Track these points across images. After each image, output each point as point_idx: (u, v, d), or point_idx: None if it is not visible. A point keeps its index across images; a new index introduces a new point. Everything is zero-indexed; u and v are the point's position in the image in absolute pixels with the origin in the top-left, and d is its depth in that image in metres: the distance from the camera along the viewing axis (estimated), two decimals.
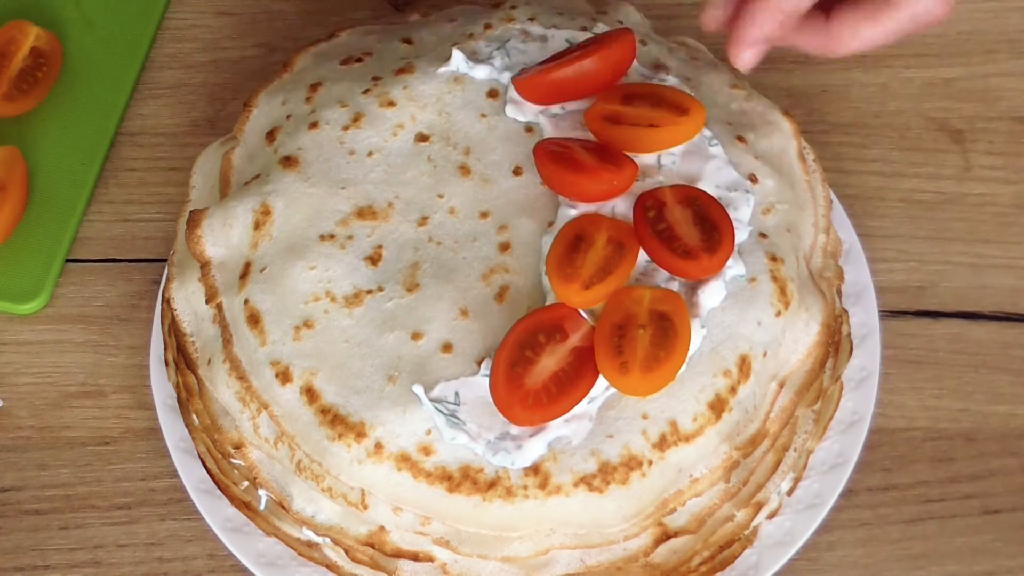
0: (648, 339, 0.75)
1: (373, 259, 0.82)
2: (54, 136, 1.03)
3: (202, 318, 0.84)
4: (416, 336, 0.79)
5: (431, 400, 0.77)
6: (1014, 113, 1.04)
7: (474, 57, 0.88)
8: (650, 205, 0.80)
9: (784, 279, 0.81)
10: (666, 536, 0.79)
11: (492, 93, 0.87)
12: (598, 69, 0.84)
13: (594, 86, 0.84)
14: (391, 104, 0.87)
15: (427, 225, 0.83)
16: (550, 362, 0.76)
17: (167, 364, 0.90)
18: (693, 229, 0.79)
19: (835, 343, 0.86)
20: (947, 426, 0.92)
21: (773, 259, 0.82)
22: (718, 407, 0.78)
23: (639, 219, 0.79)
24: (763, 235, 0.82)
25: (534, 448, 0.76)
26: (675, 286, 0.79)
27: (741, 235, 0.81)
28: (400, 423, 0.77)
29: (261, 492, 0.84)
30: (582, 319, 0.77)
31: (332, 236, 0.82)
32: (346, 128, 0.86)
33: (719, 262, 0.78)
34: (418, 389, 0.77)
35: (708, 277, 0.79)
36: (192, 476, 0.88)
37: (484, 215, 0.83)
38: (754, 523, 0.84)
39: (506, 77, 0.87)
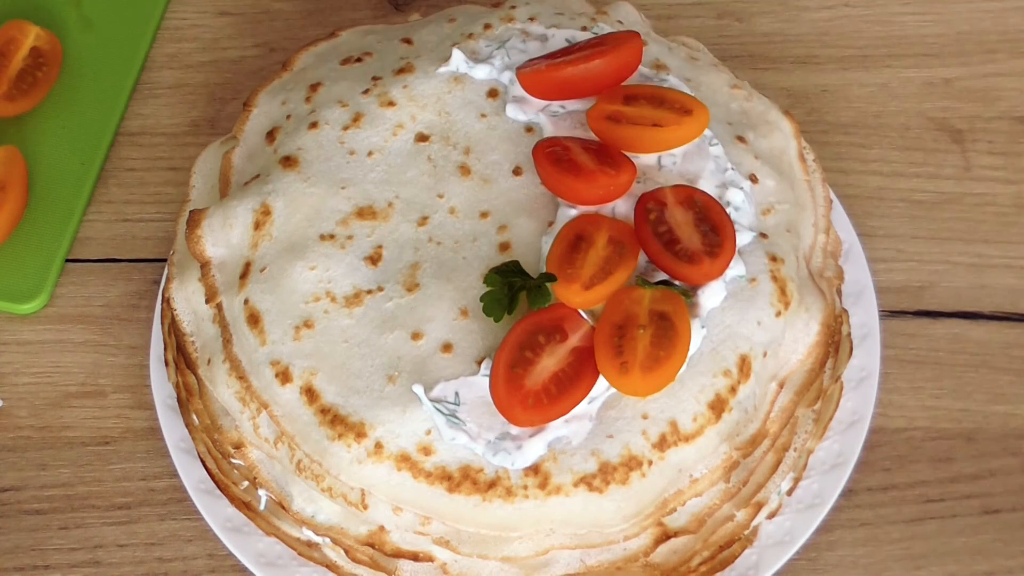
0: (648, 339, 0.75)
1: (373, 259, 0.82)
2: (54, 136, 1.03)
3: (202, 318, 0.84)
4: (416, 336, 0.79)
5: (431, 400, 0.77)
6: (1014, 113, 1.04)
7: (474, 57, 0.88)
8: (651, 207, 0.80)
9: (784, 279, 0.81)
10: (666, 536, 0.79)
11: (492, 93, 0.87)
12: (604, 70, 0.84)
13: (597, 86, 0.84)
14: (391, 104, 0.87)
15: (427, 225, 0.83)
16: (550, 362, 0.76)
17: (167, 364, 0.90)
18: (694, 232, 0.79)
19: (835, 343, 0.86)
20: (947, 426, 0.92)
21: (773, 259, 0.82)
22: (718, 407, 0.78)
23: (640, 220, 0.79)
24: (763, 235, 0.82)
25: (534, 448, 0.76)
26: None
27: (742, 238, 0.81)
28: (400, 423, 0.77)
29: (261, 492, 0.84)
30: (582, 319, 0.77)
31: (332, 236, 0.82)
32: (346, 128, 0.86)
33: (720, 267, 0.78)
34: (418, 389, 0.77)
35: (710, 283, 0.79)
36: (192, 476, 0.88)
37: (484, 215, 0.83)
38: (754, 523, 0.84)
39: (506, 77, 0.87)
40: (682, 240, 0.78)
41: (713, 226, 0.79)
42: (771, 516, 0.85)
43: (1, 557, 0.89)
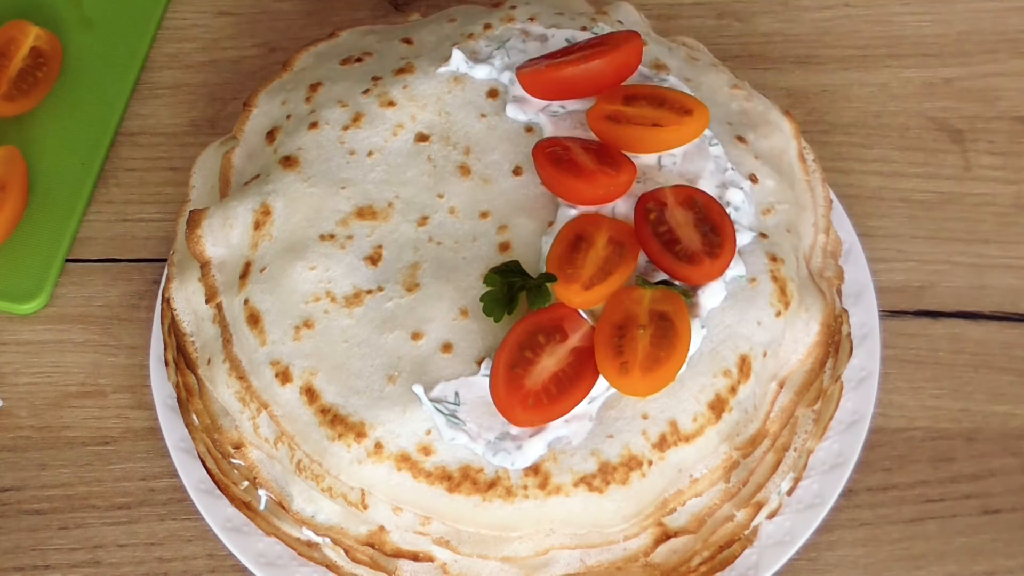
0: (648, 339, 0.75)
1: (373, 259, 0.82)
2: (54, 136, 1.03)
3: (202, 318, 0.84)
4: (416, 336, 0.79)
5: (431, 400, 0.77)
6: (1014, 113, 1.04)
7: (474, 57, 0.88)
8: (651, 207, 0.80)
9: (784, 279, 0.81)
10: (666, 536, 0.79)
11: (492, 93, 0.87)
12: (604, 70, 0.84)
13: (597, 86, 0.84)
14: (391, 104, 0.87)
15: (427, 225, 0.83)
16: (550, 363, 0.76)
17: (167, 364, 0.90)
18: (694, 232, 0.79)
19: (835, 343, 0.86)
20: (947, 426, 0.92)
21: (773, 259, 0.82)
22: (718, 407, 0.78)
23: (640, 220, 0.79)
24: (763, 235, 0.82)
25: (534, 448, 0.76)
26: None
27: (742, 238, 0.81)
28: (400, 423, 0.77)
29: (261, 492, 0.84)
30: (582, 319, 0.77)
31: (332, 236, 0.82)
32: (346, 128, 0.86)
33: (720, 268, 0.78)
34: (418, 389, 0.77)
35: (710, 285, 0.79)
36: (192, 476, 0.88)
37: (484, 215, 0.83)
38: (754, 523, 0.84)
39: (506, 77, 0.87)
40: (682, 240, 0.78)
41: (713, 226, 0.79)
42: (771, 516, 0.85)
43: (1, 557, 0.89)
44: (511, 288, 0.78)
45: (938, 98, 1.05)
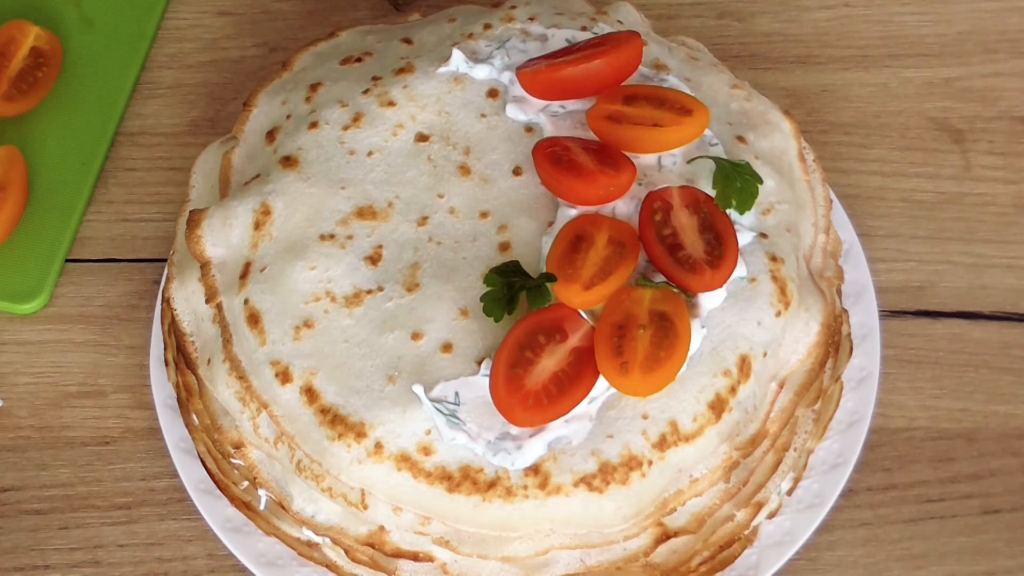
0: (648, 339, 0.75)
1: (373, 259, 0.82)
2: (54, 136, 1.03)
3: (202, 318, 0.84)
4: (416, 336, 0.79)
5: (431, 400, 0.77)
6: (1014, 113, 1.04)
7: (474, 57, 0.88)
8: (657, 207, 0.79)
9: (784, 279, 0.81)
10: (666, 536, 0.79)
11: (492, 93, 0.87)
12: (604, 70, 0.84)
13: (597, 86, 0.84)
14: (391, 104, 0.87)
15: (427, 225, 0.83)
16: (550, 363, 0.76)
17: (167, 364, 0.90)
18: (698, 239, 0.78)
19: (835, 343, 0.86)
20: (947, 426, 0.92)
21: (773, 259, 0.82)
22: (718, 407, 0.78)
23: (645, 220, 0.79)
24: (763, 235, 0.82)
25: (534, 448, 0.76)
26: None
27: (742, 238, 0.81)
28: (400, 423, 0.77)
29: (261, 492, 0.84)
30: (582, 319, 0.77)
31: (332, 236, 0.82)
32: (346, 128, 0.86)
33: (721, 279, 0.78)
34: (418, 389, 0.77)
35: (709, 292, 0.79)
36: (192, 476, 0.88)
37: (484, 215, 0.83)
38: (754, 523, 0.84)
39: (506, 77, 0.87)
40: (685, 246, 0.78)
41: (717, 234, 0.79)
42: (771, 516, 0.85)
43: (1, 557, 0.89)
44: (511, 288, 0.78)
45: (938, 98, 1.05)
